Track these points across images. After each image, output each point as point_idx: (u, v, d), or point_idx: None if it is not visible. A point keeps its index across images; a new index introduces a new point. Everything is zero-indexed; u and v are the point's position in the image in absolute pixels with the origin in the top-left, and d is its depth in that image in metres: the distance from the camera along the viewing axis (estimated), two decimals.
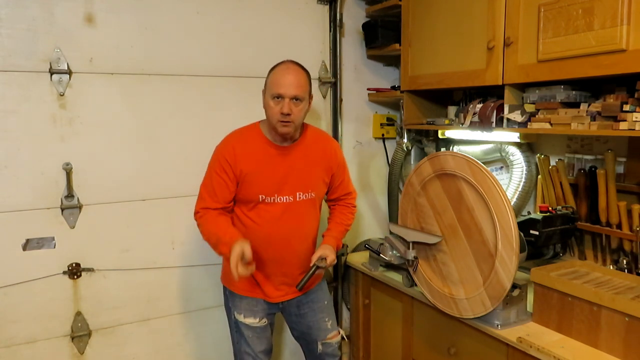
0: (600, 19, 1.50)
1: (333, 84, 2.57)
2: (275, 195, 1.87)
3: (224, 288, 2.05)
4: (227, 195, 1.86)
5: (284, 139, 1.88)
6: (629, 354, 1.43)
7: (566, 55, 1.60)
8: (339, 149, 2.10)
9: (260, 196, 1.86)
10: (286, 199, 1.89)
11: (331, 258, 1.88)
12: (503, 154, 2.29)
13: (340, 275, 2.69)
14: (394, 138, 2.83)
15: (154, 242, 2.24)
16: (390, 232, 2.07)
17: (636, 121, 1.48)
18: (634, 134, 1.50)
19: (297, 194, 1.90)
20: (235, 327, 2.01)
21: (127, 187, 2.16)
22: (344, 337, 2.26)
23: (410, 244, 1.91)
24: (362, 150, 2.77)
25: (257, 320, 1.97)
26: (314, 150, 1.95)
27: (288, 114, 1.77)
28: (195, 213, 1.90)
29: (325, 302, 2.10)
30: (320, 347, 2.07)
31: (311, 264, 1.86)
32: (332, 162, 2.00)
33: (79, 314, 2.12)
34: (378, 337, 2.39)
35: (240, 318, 1.97)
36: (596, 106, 1.61)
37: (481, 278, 1.67)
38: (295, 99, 1.79)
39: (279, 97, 1.78)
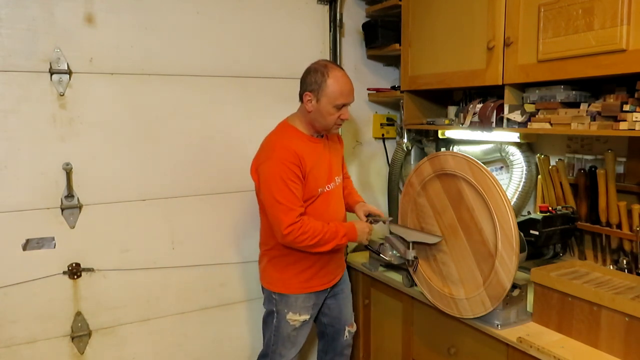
0: (600, 19, 1.50)
1: None
2: (326, 185, 2.00)
3: (270, 293, 2.06)
4: (302, 197, 1.90)
5: (318, 133, 2.00)
6: (629, 354, 1.43)
7: (566, 55, 1.60)
8: None
9: (319, 189, 1.96)
10: (332, 185, 2.03)
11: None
12: (503, 154, 2.29)
13: None
14: (394, 138, 2.83)
15: (154, 242, 2.24)
16: (390, 232, 2.07)
17: (636, 121, 1.48)
18: (634, 134, 1.50)
19: (336, 179, 2.06)
20: (276, 331, 2.06)
21: (127, 187, 2.16)
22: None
23: (410, 244, 1.91)
24: (362, 150, 2.77)
25: (309, 316, 2.07)
26: (330, 138, 2.11)
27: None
28: (290, 224, 1.82)
29: (349, 290, 2.27)
30: (347, 332, 2.22)
31: (369, 220, 2.08)
32: (341, 145, 2.21)
33: (79, 314, 2.12)
34: (378, 337, 2.39)
35: (296, 317, 2.03)
36: (596, 106, 1.61)
37: (481, 278, 1.66)
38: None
39: (343, 105, 1.90)
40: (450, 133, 2.33)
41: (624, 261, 1.81)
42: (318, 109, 1.88)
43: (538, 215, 1.93)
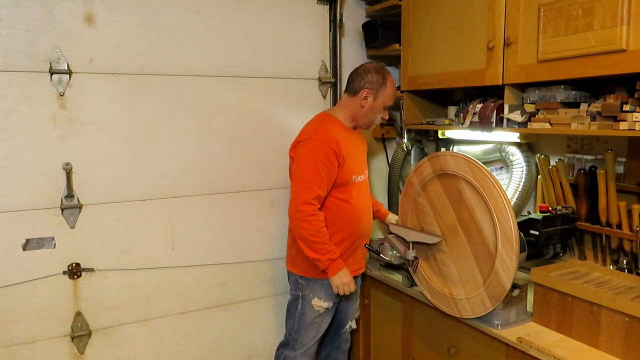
0: (600, 19, 1.50)
1: (333, 84, 2.57)
2: (359, 175, 2.13)
3: (297, 278, 2.14)
4: (330, 183, 2.02)
5: (355, 126, 2.16)
6: (629, 354, 1.43)
7: (566, 55, 1.60)
8: None
9: (353, 176, 2.08)
10: (362, 177, 2.16)
11: None
12: (503, 154, 2.29)
13: None
14: (394, 138, 2.83)
15: (154, 242, 2.24)
16: (390, 232, 2.07)
17: (636, 121, 1.48)
18: (634, 134, 1.50)
19: (365, 172, 2.20)
20: (300, 318, 2.13)
21: (127, 187, 2.16)
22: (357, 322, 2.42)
23: (410, 244, 1.91)
24: None
25: (332, 304, 2.15)
26: (361, 135, 2.26)
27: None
28: (305, 203, 1.95)
29: (359, 286, 2.34)
30: (348, 327, 2.30)
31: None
32: (366, 147, 2.31)
33: (79, 314, 2.12)
34: (378, 337, 2.39)
35: (320, 302, 2.11)
36: (596, 106, 1.61)
37: (481, 278, 1.66)
38: None
39: (389, 107, 2.11)
40: (450, 133, 2.33)
41: (624, 261, 1.81)
42: (373, 106, 2.07)
43: (538, 215, 1.93)
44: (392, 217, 2.32)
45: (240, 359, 2.52)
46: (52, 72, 1.97)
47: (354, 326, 2.33)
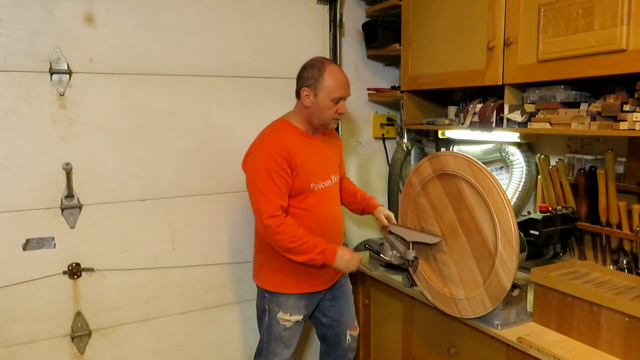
0: (600, 19, 1.50)
1: None
2: (321, 182, 1.99)
3: (263, 291, 2.05)
4: (288, 191, 1.90)
5: (315, 129, 2.01)
6: (629, 354, 1.43)
7: (566, 55, 1.60)
8: None
9: (311, 184, 1.95)
10: (327, 183, 2.02)
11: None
12: (503, 154, 2.29)
13: None
14: (394, 138, 2.83)
15: (154, 242, 2.24)
16: (390, 232, 2.07)
17: (636, 121, 1.48)
18: (634, 134, 1.50)
19: (332, 177, 2.05)
20: (268, 330, 2.04)
21: (127, 187, 2.16)
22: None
23: (410, 244, 1.91)
24: (362, 150, 2.77)
25: (301, 317, 2.05)
26: (329, 137, 2.12)
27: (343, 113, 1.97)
28: (270, 217, 1.82)
29: (350, 293, 2.24)
30: (348, 338, 2.19)
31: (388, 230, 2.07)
32: (340, 147, 2.22)
33: (79, 314, 2.12)
34: (378, 337, 2.39)
35: (287, 317, 2.01)
36: (596, 106, 1.61)
37: (481, 278, 1.66)
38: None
39: (340, 99, 1.91)
40: (450, 133, 2.33)
41: (624, 261, 1.81)
42: (316, 103, 1.90)
43: (538, 215, 1.93)
44: (382, 210, 2.14)
45: (240, 359, 2.52)
46: (52, 72, 1.97)
47: (356, 333, 2.25)
